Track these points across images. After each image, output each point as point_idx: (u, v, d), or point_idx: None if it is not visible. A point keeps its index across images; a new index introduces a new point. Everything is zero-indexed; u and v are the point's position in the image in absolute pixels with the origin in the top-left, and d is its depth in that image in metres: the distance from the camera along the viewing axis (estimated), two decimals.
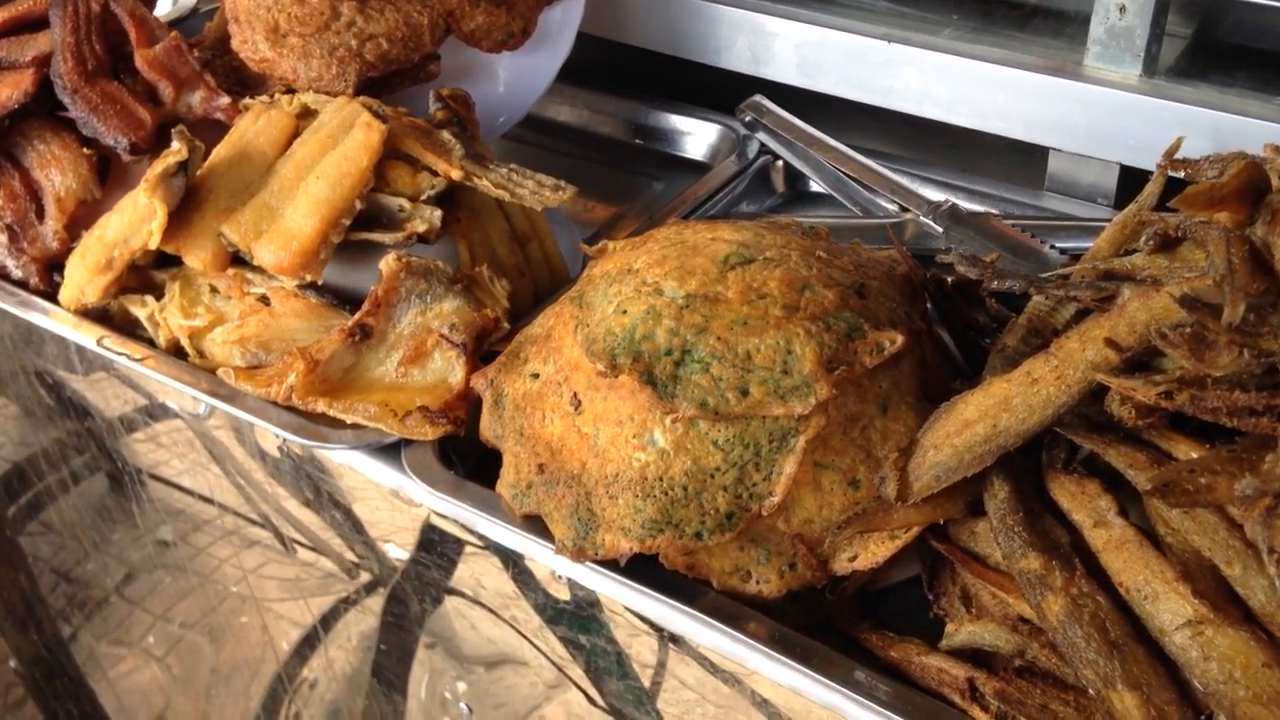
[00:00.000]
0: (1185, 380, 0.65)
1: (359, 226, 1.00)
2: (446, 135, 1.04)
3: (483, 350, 0.96)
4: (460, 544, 0.98)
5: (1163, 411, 0.68)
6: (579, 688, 0.97)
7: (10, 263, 1.18)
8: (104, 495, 1.36)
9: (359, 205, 0.99)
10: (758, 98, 1.28)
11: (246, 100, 1.18)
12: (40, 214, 1.18)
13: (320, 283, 0.99)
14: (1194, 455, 0.67)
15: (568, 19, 1.31)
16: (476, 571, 0.99)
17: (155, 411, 1.18)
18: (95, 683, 1.67)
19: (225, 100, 1.19)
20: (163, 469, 1.26)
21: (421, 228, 0.99)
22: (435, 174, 1.02)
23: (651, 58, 1.41)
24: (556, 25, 1.31)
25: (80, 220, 1.18)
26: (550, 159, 1.41)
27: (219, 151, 1.04)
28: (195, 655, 1.43)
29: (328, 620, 1.23)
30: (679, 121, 1.36)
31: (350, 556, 1.12)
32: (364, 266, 1.03)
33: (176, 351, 1.06)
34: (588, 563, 0.82)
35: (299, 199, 0.98)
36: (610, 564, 0.82)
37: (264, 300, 1.03)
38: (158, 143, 1.18)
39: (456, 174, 0.99)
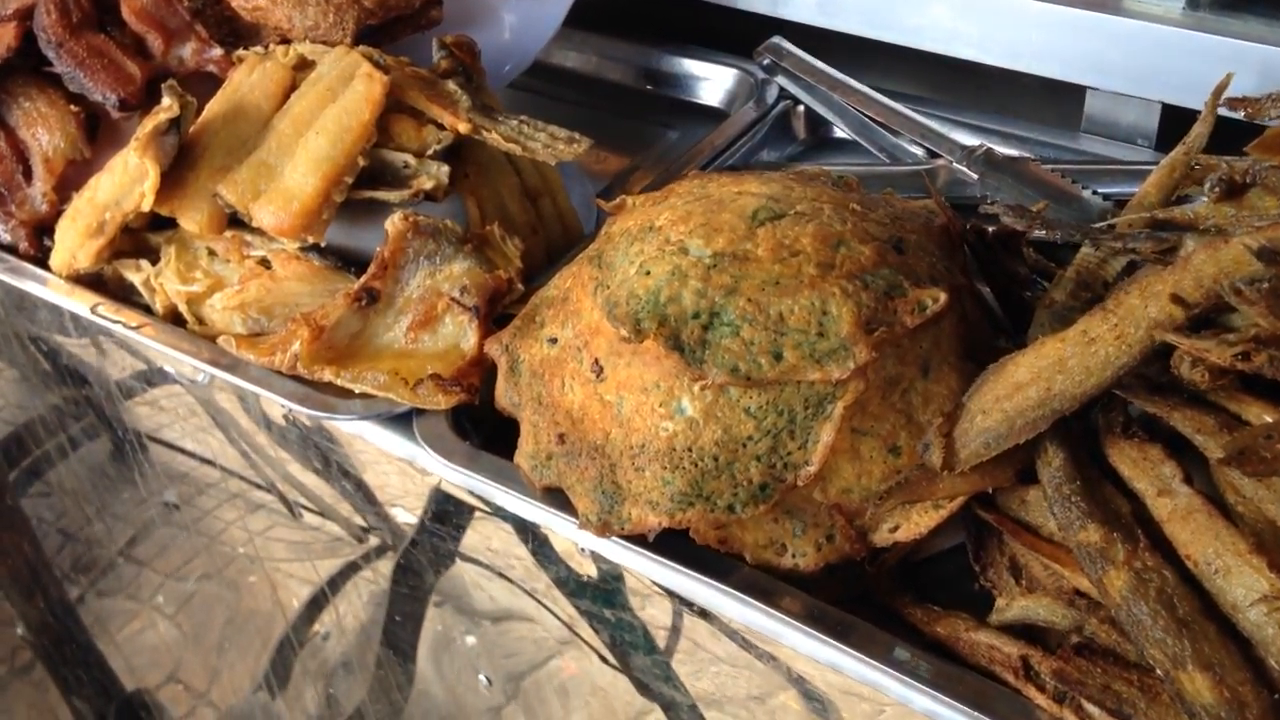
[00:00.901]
0: (1262, 339, 0.60)
1: (362, 184, 0.95)
2: (452, 86, 0.98)
3: (496, 313, 0.91)
4: (472, 509, 0.94)
5: (1236, 373, 0.63)
6: (594, 650, 0.94)
7: None
8: (106, 459, 1.34)
9: (362, 162, 0.93)
10: (776, 39, 1.22)
11: (240, 52, 1.12)
12: (28, 175, 1.13)
13: (323, 244, 0.94)
14: (1268, 419, 0.62)
15: None
16: (487, 535, 0.96)
17: (154, 377, 1.14)
18: (104, 645, 1.65)
19: (218, 52, 1.13)
20: (164, 433, 1.22)
21: (428, 185, 0.93)
22: (441, 127, 0.96)
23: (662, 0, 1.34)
24: None
25: (69, 181, 1.12)
26: (557, 108, 1.35)
27: (212, 107, 0.98)
28: (206, 611, 1.41)
29: (335, 582, 1.21)
30: (693, 66, 1.30)
31: (359, 521, 1.09)
32: (368, 226, 0.98)
33: (174, 318, 1.01)
34: (613, 538, 0.78)
35: (298, 156, 0.93)
36: (637, 538, 0.78)
37: (264, 263, 0.98)
38: (148, 98, 1.13)
39: (464, 127, 0.94)
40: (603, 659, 0.94)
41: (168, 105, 0.93)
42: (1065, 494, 0.68)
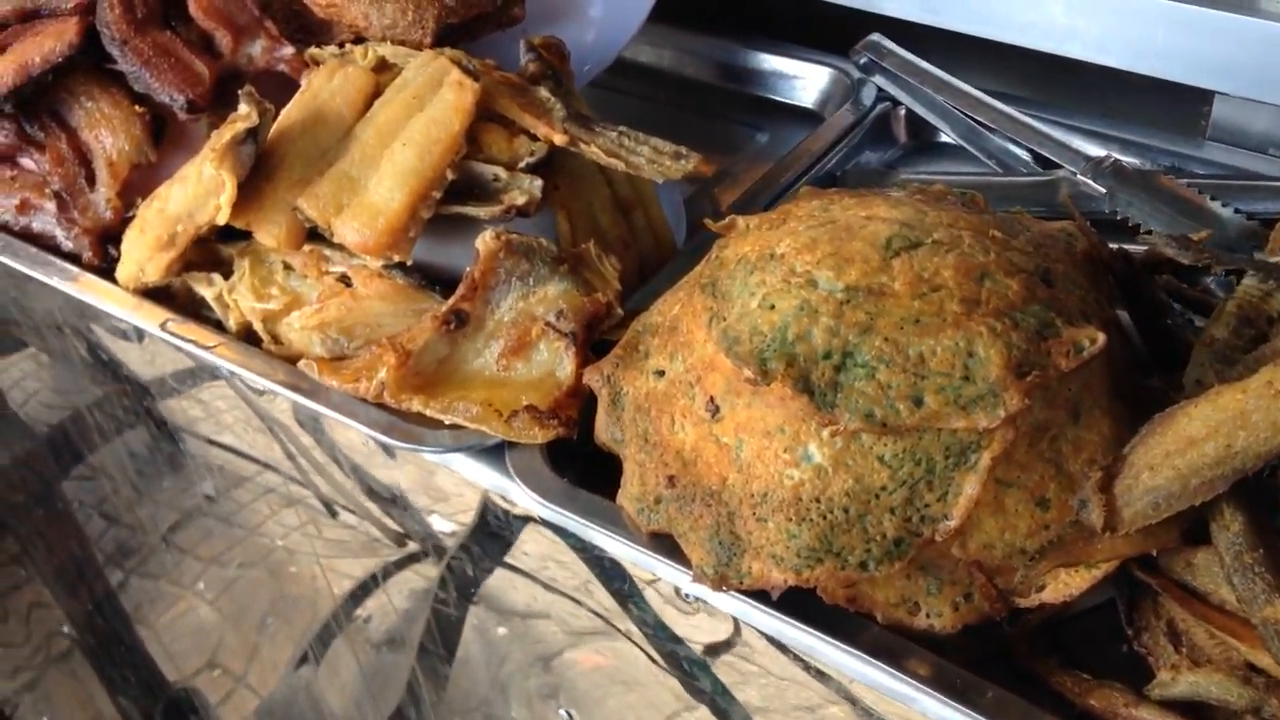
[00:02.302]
0: None
1: (450, 198, 0.89)
2: (544, 93, 0.92)
3: (593, 339, 0.85)
4: (524, 521, 0.90)
5: None
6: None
7: (59, 233, 1.08)
8: (144, 449, 1.31)
9: (450, 175, 0.88)
10: (876, 37, 1.15)
11: (313, 50, 1.07)
12: (91, 179, 1.08)
13: (409, 263, 0.88)
14: None
15: None
16: (545, 551, 0.92)
17: (196, 373, 1.10)
18: (145, 631, 1.63)
19: (289, 50, 1.08)
20: (199, 426, 1.20)
21: (520, 200, 0.87)
22: (534, 138, 0.90)
23: None
24: None
25: (134, 186, 1.07)
26: (633, 105, 1.29)
27: (290, 114, 0.93)
28: (248, 594, 1.39)
29: (376, 578, 1.18)
30: (781, 63, 1.23)
31: (398, 529, 1.05)
32: (455, 241, 0.92)
33: (248, 335, 0.96)
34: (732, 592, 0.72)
35: (383, 169, 0.87)
36: (757, 593, 0.72)
37: (344, 280, 0.93)
38: (216, 99, 1.08)
39: (560, 139, 0.88)
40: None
41: (245, 114, 0.87)
42: (1247, 564, 0.61)
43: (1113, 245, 0.80)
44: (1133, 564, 0.68)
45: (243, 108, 0.88)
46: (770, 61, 1.23)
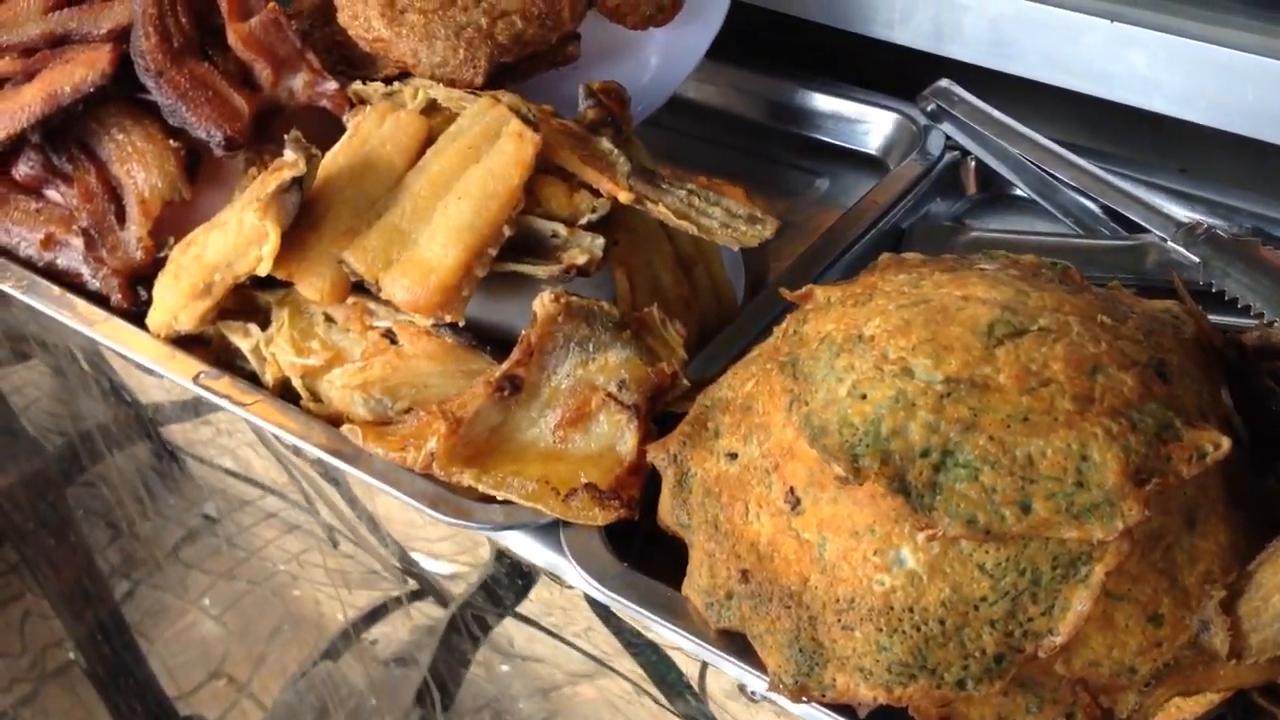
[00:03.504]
0: None
1: (505, 255, 0.84)
2: (606, 144, 0.87)
3: (656, 411, 0.80)
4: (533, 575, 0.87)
5: None
6: None
7: (86, 271, 1.03)
8: (147, 467, 1.28)
9: (507, 231, 0.82)
10: (945, 83, 1.09)
11: (357, 87, 1.02)
12: (121, 216, 1.03)
13: (461, 323, 0.83)
14: None
15: None
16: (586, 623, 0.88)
17: (204, 404, 1.06)
18: (148, 645, 1.60)
19: (332, 85, 1.03)
20: (200, 448, 1.17)
21: (581, 259, 0.82)
22: (596, 193, 0.85)
23: (803, 28, 1.22)
24: None
25: (166, 224, 1.02)
26: (684, 144, 1.24)
27: (337, 159, 0.88)
28: (256, 609, 1.36)
29: (376, 614, 1.16)
30: (843, 106, 1.17)
31: (399, 566, 1.03)
32: (507, 298, 0.87)
33: (285, 391, 0.91)
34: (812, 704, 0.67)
35: (436, 223, 0.82)
36: (841, 707, 0.66)
37: (389, 336, 0.88)
38: (254, 134, 1.03)
39: (625, 196, 0.82)
40: None
41: (292, 161, 0.82)
42: None
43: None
44: (1255, 691, 0.63)
45: (289, 154, 0.83)
46: (830, 103, 1.18)
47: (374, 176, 0.86)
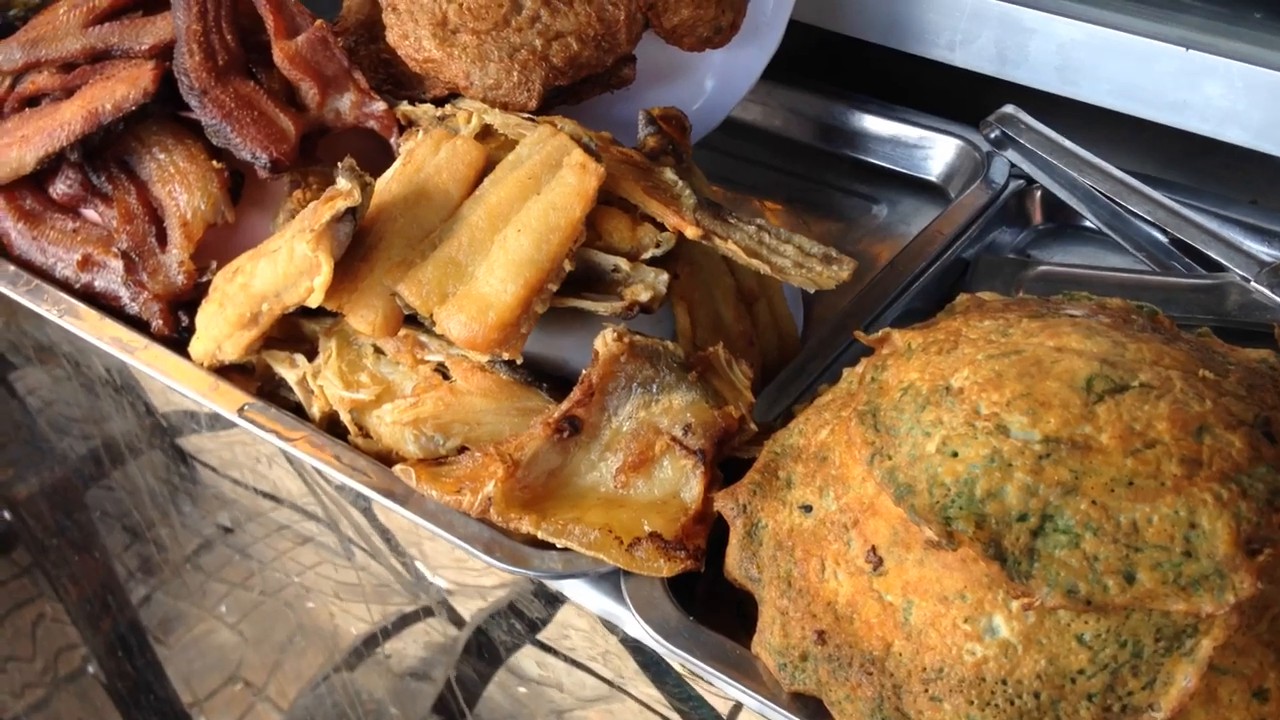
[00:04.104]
0: None
1: (565, 289, 0.80)
2: (670, 175, 0.84)
3: (722, 457, 0.77)
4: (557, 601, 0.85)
5: None
6: None
7: (124, 294, 1.00)
8: (166, 477, 1.27)
9: (568, 266, 0.79)
10: (1011, 109, 1.05)
11: (405, 108, 0.99)
12: (162, 239, 1.00)
13: (519, 361, 0.80)
14: None
15: (780, 7, 1.09)
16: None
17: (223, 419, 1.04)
18: (165, 651, 1.59)
19: (380, 106, 1.00)
20: (211, 457, 1.15)
21: (644, 296, 0.79)
22: (659, 225, 0.82)
23: (858, 49, 1.18)
24: (766, 15, 1.09)
25: (207, 247, 0.99)
26: (737, 167, 1.21)
27: (390, 186, 0.85)
28: (270, 619, 1.35)
29: (390, 629, 1.15)
30: (903, 130, 1.14)
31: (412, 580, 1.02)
32: (563, 332, 0.84)
33: (332, 424, 0.88)
34: None
35: (494, 256, 0.79)
36: None
37: (441, 371, 0.85)
38: (299, 155, 1.00)
39: (692, 232, 0.79)
40: None
41: (347, 190, 0.79)
42: None
43: None
44: None
45: (342, 182, 0.80)
46: (889, 127, 1.14)
47: (429, 206, 0.83)
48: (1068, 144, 1.03)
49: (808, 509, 0.69)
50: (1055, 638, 0.60)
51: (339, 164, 0.81)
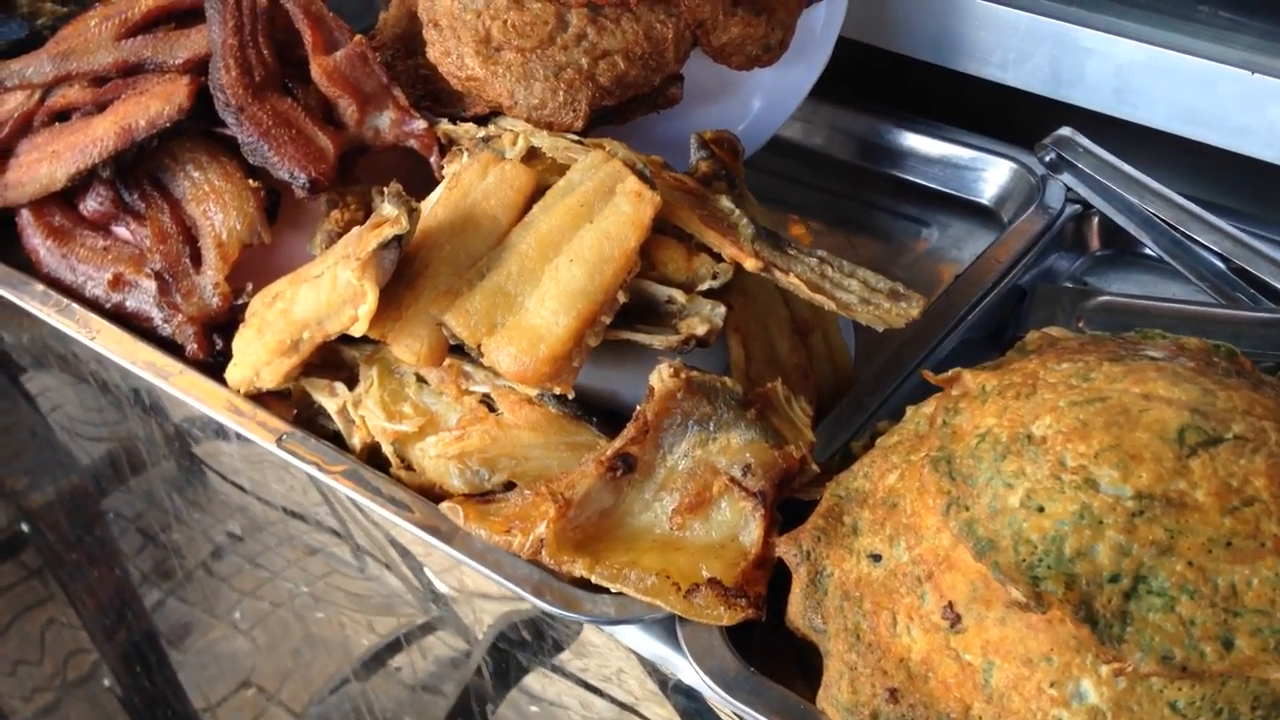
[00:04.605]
0: None
1: (616, 321, 0.78)
2: (727, 203, 0.81)
3: (782, 498, 0.74)
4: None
5: None
6: None
7: (156, 315, 0.97)
8: (178, 483, 1.26)
9: (622, 298, 0.76)
10: (1068, 131, 1.02)
11: (446, 127, 0.96)
12: (196, 259, 0.97)
13: (571, 396, 0.77)
14: None
15: (830, 23, 1.06)
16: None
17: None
18: (179, 656, 1.58)
19: (420, 125, 0.97)
20: (227, 466, 1.13)
21: (701, 329, 0.76)
22: (716, 255, 0.79)
23: (905, 66, 1.15)
24: (815, 32, 1.06)
25: (242, 268, 0.97)
26: (780, 187, 1.18)
27: (436, 211, 0.82)
28: (281, 628, 1.34)
29: (399, 642, 1.14)
30: (954, 152, 1.11)
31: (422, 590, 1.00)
32: (614, 364, 0.81)
33: (372, 455, 0.85)
34: None
35: (545, 287, 0.76)
36: None
37: (487, 403, 0.82)
38: (337, 175, 0.97)
39: (751, 264, 0.76)
40: None
41: (393, 217, 0.76)
42: None
43: None
44: None
45: (388, 208, 0.77)
46: (939, 147, 1.11)
47: (476, 232, 0.80)
48: (1127, 168, 1.00)
49: (877, 558, 0.67)
50: (1147, 705, 0.57)
51: (384, 189, 0.79)
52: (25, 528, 1.66)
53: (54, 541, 1.66)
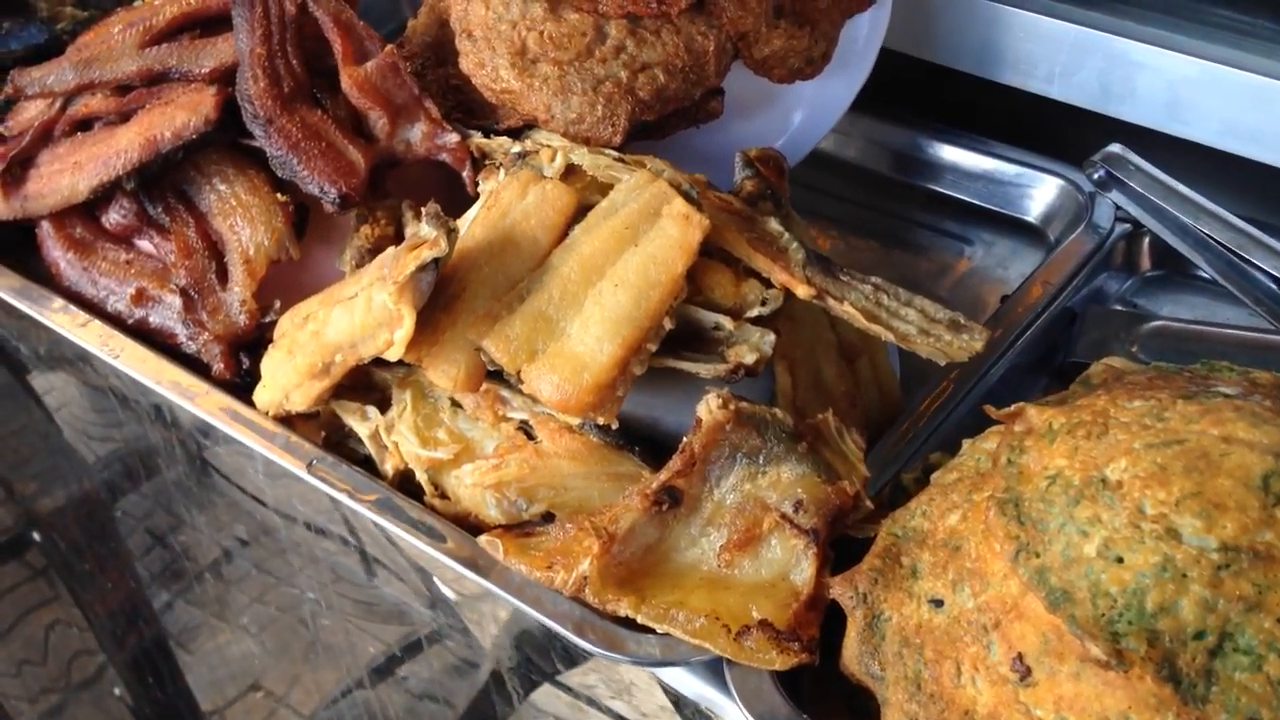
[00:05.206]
0: None
1: (663, 349, 0.75)
2: (775, 225, 0.78)
3: (834, 535, 0.71)
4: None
5: None
6: None
7: (181, 332, 0.95)
8: (188, 487, 1.25)
9: (668, 325, 0.74)
10: (1118, 148, 0.99)
11: (480, 141, 0.93)
12: (222, 275, 0.95)
13: (614, 425, 0.74)
14: None
15: (873, 34, 1.03)
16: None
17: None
18: (188, 658, 1.57)
19: (453, 138, 0.94)
20: (236, 470, 1.12)
21: (750, 358, 0.73)
22: (765, 281, 0.76)
23: (945, 78, 1.12)
24: (857, 43, 1.03)
25: (269, 283, 0.94)
26: (814, 201, 1.15)
27: (473, 232, 0.79)
28: (288, 634, 1.33)
29: (406, 652, 1.13)
30: (999, 167, 1.08)
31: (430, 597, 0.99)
32: (657, 392, 0.79)
33: (405, 482, 0.83)
34: None
35: (589, 312, 0.73)
36: None
37: (525, 430, 0.79)
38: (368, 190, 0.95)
39: (804, 291, 0.73)
40: None
41: (433, 239, 0.73)
42: None
43: None
44: None
45: (426, 229, 0.75)
46: (983, 162, 1.08)
47: (515, 254, 0.77)
48: (1180, 187, 0.97)
49: (939, 603, 0.64)
50: None
51: (420, 207, 0.76)
52: (34, 533, 1.65)
53: (68, 555, 1.64)
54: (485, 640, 0.99)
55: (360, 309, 0.77)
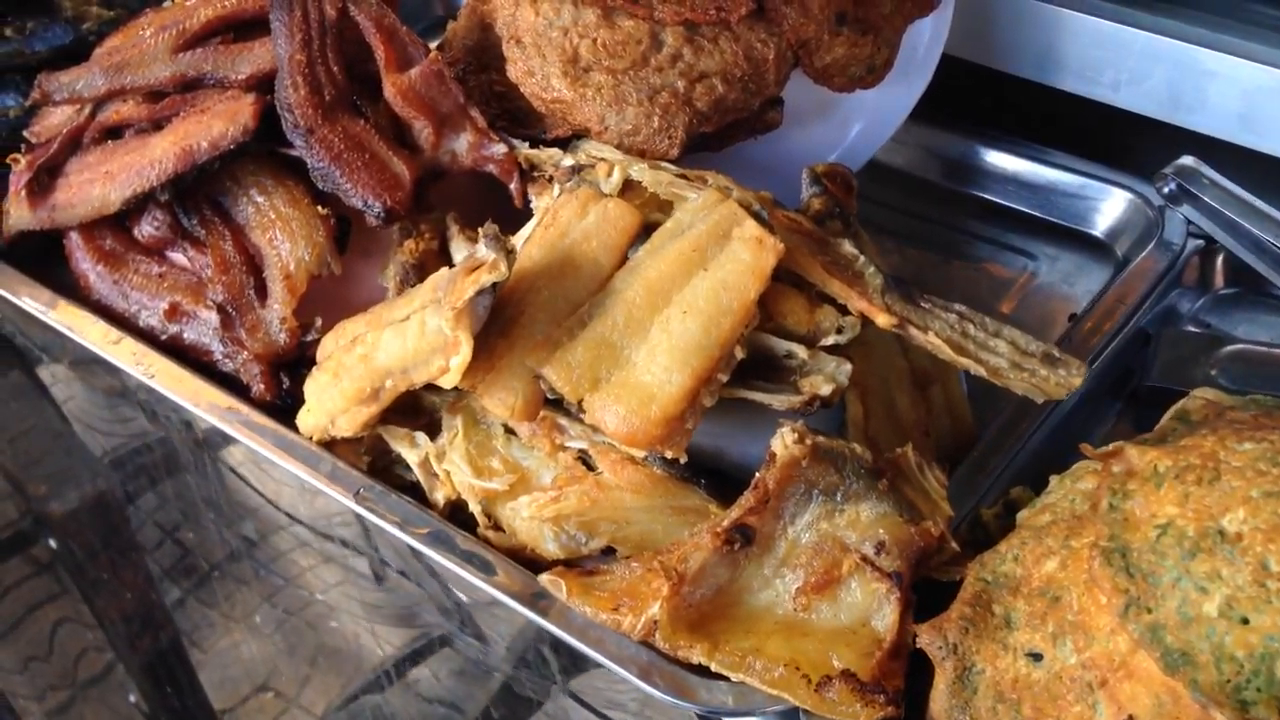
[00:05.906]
0: None
1: (732, 378, 0.71)
2: (850, 248, 0.74)
3: (918, 578, 0.68)
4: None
5: None
6: None
7: (217, 350, 0.91)
8: (201, 487, 1.22)
9: (739, 354, 0.70)
10: (1191, 161, 0.95)
11: (529, 152, 0.90)
12: (261, 291, 0.91)
13: (683, 459, 0.71)
14: None
15: (934, 41, 0.99)
16: None
17: None
18: (200, 655, 1.53)
19: (500, 149, 0.91)
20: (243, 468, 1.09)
21: (825, 389, 0.70)
22: (841, 307, 0.72)
23: (1004, 85, 1.08)
24: (917, 50, 0.99)
25: (310, 300, 0.91)
26: (866, 210, 1.10)
27: (531, 252, 0.75)
28: (296, 635, 1.31)
29: (416, 655, 1.10)
30: (1063, 179, 1.03)
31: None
32: (723, 421, 0.75)
33: (455, 512, 0.79)
34: None
35: (656, 340, 0.70)
36: None
37: (584, 460, 0.76)
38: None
39: (884, 320, 0.70)
40: None
41: (491, 262, 0.69)
42: None
43: None
44: None
45: (484, 251, 0.71)
46: (1046, 173, 1.04)
47: (576, 277, 0.74)
48: (1258, 202, 0.93)
49: (1037, 657, 0.60)
50: None
51: (465, 220, 0.72)
52: (41, 529, 1.62)
53: (82, 559, 1.62)
54: (499, 644, 0.96)
55: (413, 333, 0.74)
